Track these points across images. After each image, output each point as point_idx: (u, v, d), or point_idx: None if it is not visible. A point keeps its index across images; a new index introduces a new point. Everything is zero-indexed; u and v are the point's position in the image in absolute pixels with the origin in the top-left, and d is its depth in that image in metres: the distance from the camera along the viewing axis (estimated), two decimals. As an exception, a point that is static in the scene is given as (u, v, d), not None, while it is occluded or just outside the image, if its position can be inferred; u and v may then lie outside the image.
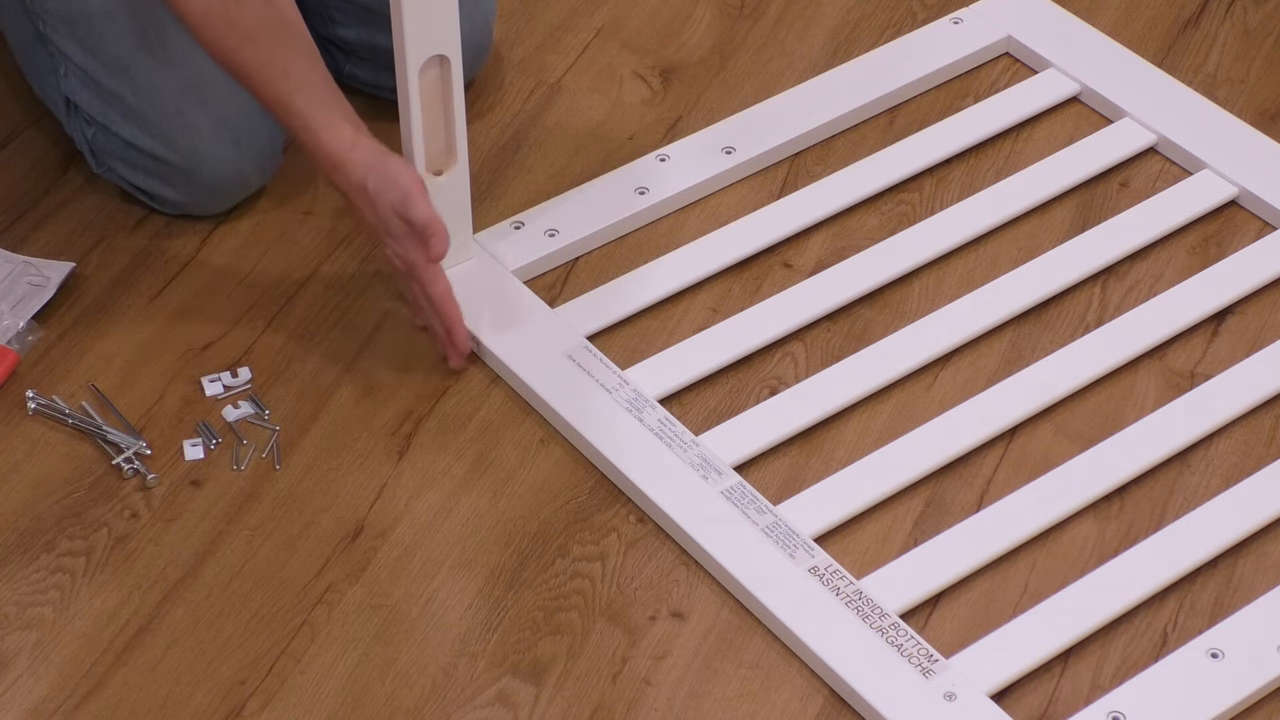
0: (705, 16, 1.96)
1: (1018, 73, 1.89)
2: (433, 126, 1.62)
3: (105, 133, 1.72)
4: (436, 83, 1.60)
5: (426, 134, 1.62)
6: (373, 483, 1.57)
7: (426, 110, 1.61)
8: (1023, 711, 1.42)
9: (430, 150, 1.63)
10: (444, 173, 1.64)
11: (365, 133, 1.58)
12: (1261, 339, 1.66)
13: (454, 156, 1.64)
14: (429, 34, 1.57)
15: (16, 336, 1.65)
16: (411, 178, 1.56)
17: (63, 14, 1.69)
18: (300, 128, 1.57)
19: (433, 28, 1.57)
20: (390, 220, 1.57)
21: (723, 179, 1.79)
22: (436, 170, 1.64)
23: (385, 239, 1.58)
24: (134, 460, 1.57)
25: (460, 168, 1.65)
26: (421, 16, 1.56)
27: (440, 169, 1.64)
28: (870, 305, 1.69)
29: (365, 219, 1.59)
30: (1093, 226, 1.74)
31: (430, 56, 1.58)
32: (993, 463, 1.57)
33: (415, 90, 1.59)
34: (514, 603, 1.49)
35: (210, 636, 1.47)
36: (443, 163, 1.64)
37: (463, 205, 1.67)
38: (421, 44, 1.57)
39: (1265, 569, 1.50)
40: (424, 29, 1.56)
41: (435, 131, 1.63)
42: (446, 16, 1.57)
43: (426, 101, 1.60)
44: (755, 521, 1.51)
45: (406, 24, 1.55)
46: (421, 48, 1.57)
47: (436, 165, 1.64)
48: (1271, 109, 1.86)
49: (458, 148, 1.64)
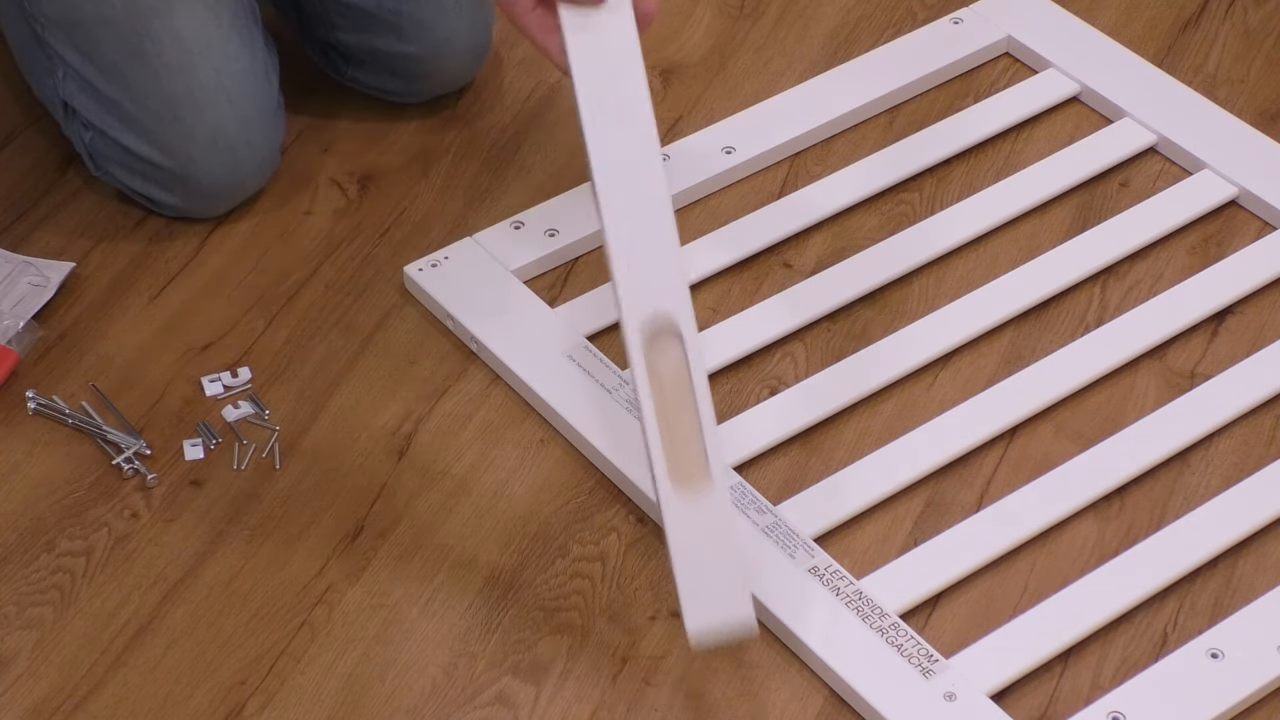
0: (705, 16, 1.96)
1: (1018, 73, 1.89)
2: (674, 424, 1.33)
3: (103, 137, 1.72)
4: (677, 366, 1.33)
5: (665, 433, 1.33)
6: (373, 483, 1.57)
7: (661, 403, 1.32)
8: (1023, 711, 1.42)
9: (673, 456, 1.33)
10: (695, 489, 1.33)
11: None
12: (1261, 339, 1.66)
13: (706, 471, 1.32)
14: (648, 298, 1.34)
15: (16, 336, 1.65)
16: None
17: (60, 19, 1.69)
18: None
19: (654, 290, 1.34)
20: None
21: (723, 179, 1.79)
22: (684, 484, 1.33)
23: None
24: (134, 460, 1.57)
25: (719, 490, 1.32)
26: (636, 277, 1.35)
27: (690, 482, 1.33)
28: (870, 305, 1.69)
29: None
30: (1093, 226, 1.74)
31: (654, 329, 1.35)
32: (993, 463, 1.57)
33: (643, 373, 1.33)
34: (514, 603, 1.49)
35: (210, 636, 1.47)
36: (692, 475, 1.33)
37: (725, 542, 1.33)
38: (639, 311, 1.35)
39: (1265, 569, 1.50)
40: (641, 293, 1.35)
41: (678, 431, 1.33)
42: (669, 276, 1.34)
43: (661, 392, 1.33)
44: (755, 521, 1.51)
45: (620, 288, 1.34)
46: (639, 315, 1.35)
47: (684, 477, 1.33)
48: (1271, 109, 1.86)
49: (710, 460, 1.32)
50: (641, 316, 1.37)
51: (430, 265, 1.70)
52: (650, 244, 1.40)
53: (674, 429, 1.34)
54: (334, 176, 1.81)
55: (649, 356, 1.35)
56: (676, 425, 1.34)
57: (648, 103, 1.46)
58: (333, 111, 1.87)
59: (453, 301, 1.67)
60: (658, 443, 1.34)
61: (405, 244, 1.75)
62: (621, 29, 1.49)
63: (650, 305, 1.37)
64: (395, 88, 1.85)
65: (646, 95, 1.46)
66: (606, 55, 1.48)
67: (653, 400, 1.34)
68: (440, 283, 1.69)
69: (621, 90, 1.47)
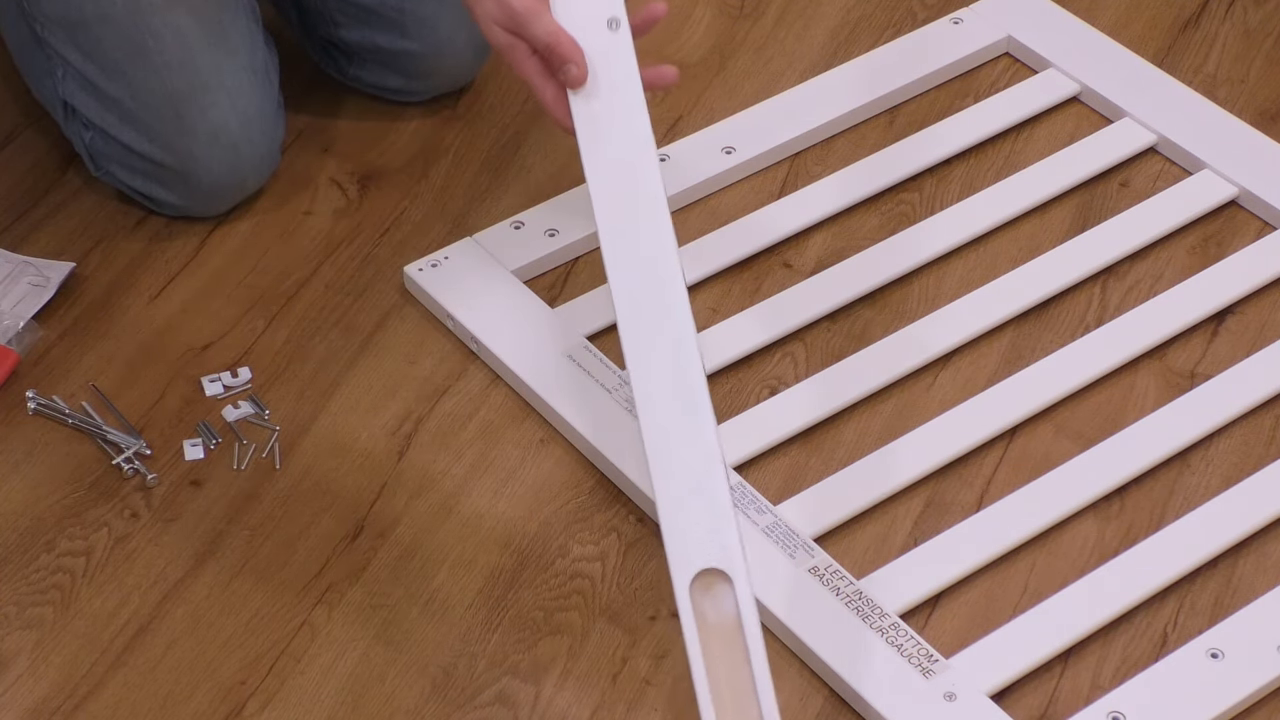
0: (705, 16, 1.96)
1: (1018, 73, 1.89)
2: (726, 689, 1.26)
3: (103, 136, 1.72)
4: (730, 623, 1.25)
5: (715, 698, 1.27)
6: (373, 483, 1.57)
7: (710, 657, 1.26)
8: (1023, 711, 1.42)
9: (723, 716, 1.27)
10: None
11: None
12: (1261, 339, 1.66)
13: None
14: (699, 550, 1.27)
15: (16, 336, 1.65)
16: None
17: (60, 18, 1.69)
18: None
19: (706, 542, 1.26)
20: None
21: (723, 179, 1.79)
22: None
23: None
24: (134, 460, 1.57)
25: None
26: (683, 530, 1.28)
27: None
28: (870, 305, 1.69)
29: None
30: (1093, 226, 1.74)
31: (705, 581, 1.28)
32: (993, 463, 1.57)
33: (692, 625, 1.26)
34: (514, 603, 1.49)
35: (210, 636, 1.47)
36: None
37: None
38: (688, 564, 1.27)
39: (1265, 569, 1.50)
40: (689, 544, 1.28)
41: (731, 697, 1.26)
42: (723, 528, 1.27)
43: (709, 644, 1.25)
44: (755, 521, 1.51)
45: (668, 540, 1.27)
46: (689, 567, 1.27)
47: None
48: (1271, 109, 1.86)
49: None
50: (692, 572, 1.29)
51: (430, 265, 1.70)
52: (697, 480, 1.31)
53: (725, 684, 1.28)
54: (334, 176, 1.81)
55: (697, 604, 1.29)
56: (727, 680, 1.28)
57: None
58: (333, 111, 1.87)
59: (453, 301, 1.67)
60: (708, 702, 1.27)
61: (405, 244, 1.75)
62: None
63: (701, 560, 1.30)
64: (397, 86, 1.85)
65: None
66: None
67: (702, 657, 1.27)
68: (440, 283, 1.69)
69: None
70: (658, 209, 1.40)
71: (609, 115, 1.44)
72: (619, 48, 1.44)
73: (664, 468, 1.32)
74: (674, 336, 1.36)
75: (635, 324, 1.36)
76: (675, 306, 1.36)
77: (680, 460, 1.32)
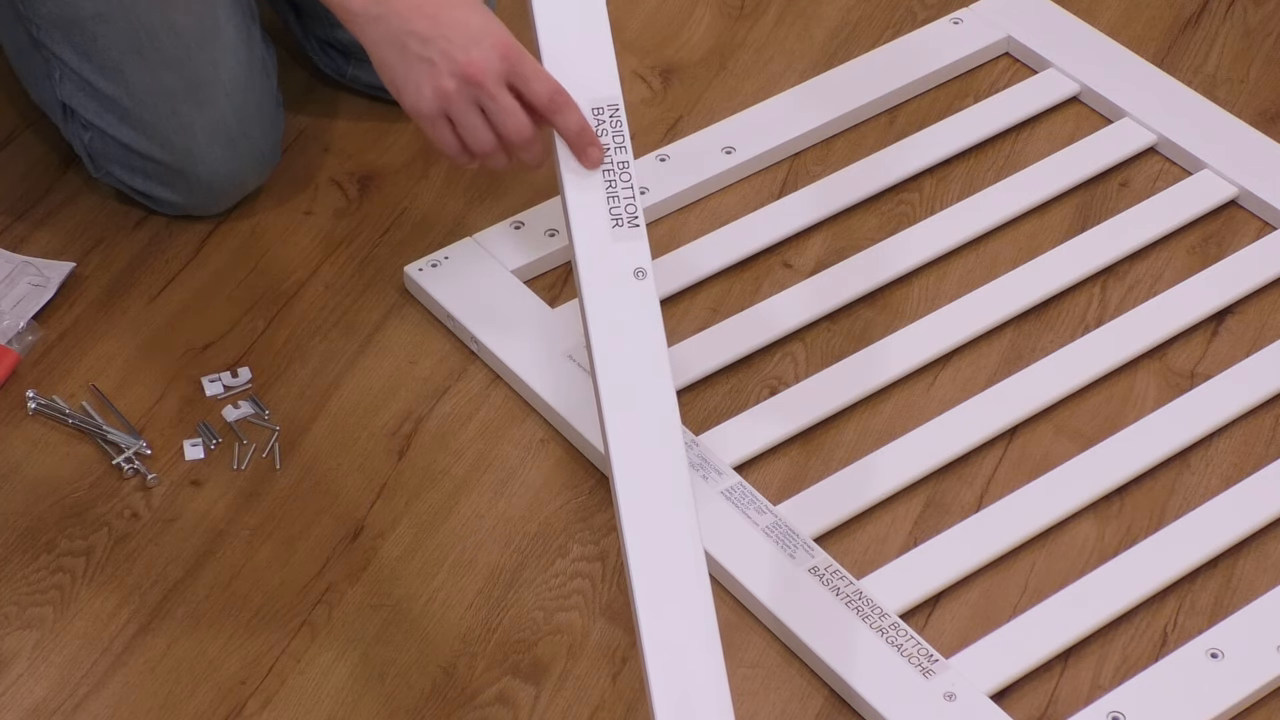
0: (705, 16, 1.96)
1: (1018, 73, 1.89)
2: None
3: (102, 136, 1.72)
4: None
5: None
6: (373, 483, 1.57)
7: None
8: (1023, 711, 1.42)
9: None
10: None
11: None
12: (1261, 339, 1.66)
13: None
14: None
15: (16, 336, 1.65)
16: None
17: (56, 19, 1.69)
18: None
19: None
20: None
21: (723, 179, 1.79)
22: None
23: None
24: (134, 460, 1.57)
25: None
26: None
27: None
28: (870, 305, 1.69)
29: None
30: (1093, 226, 1.74)
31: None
32: (993, 463, 1.57)
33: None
34: (514, 603, 1.49)
35: (210, 636, 1.47)
36: None
37: None
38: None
39: (1265, 569, 1.50)
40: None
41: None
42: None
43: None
44: (755, 521, 1.51)
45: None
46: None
47: None
48: (1271, 109, 1.86)
49: None
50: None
51: (430, 265, 1.70)
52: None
53: None
54: (334, 176, 1.81)
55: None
56: None
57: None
58: (333, 111, 1.87)
59: (453, 301, 1.67)
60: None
61: (405, 244, 1.75)
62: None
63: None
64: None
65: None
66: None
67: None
68: (440, 283, 1.69)
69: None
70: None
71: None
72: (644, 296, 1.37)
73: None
74: None
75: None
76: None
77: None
